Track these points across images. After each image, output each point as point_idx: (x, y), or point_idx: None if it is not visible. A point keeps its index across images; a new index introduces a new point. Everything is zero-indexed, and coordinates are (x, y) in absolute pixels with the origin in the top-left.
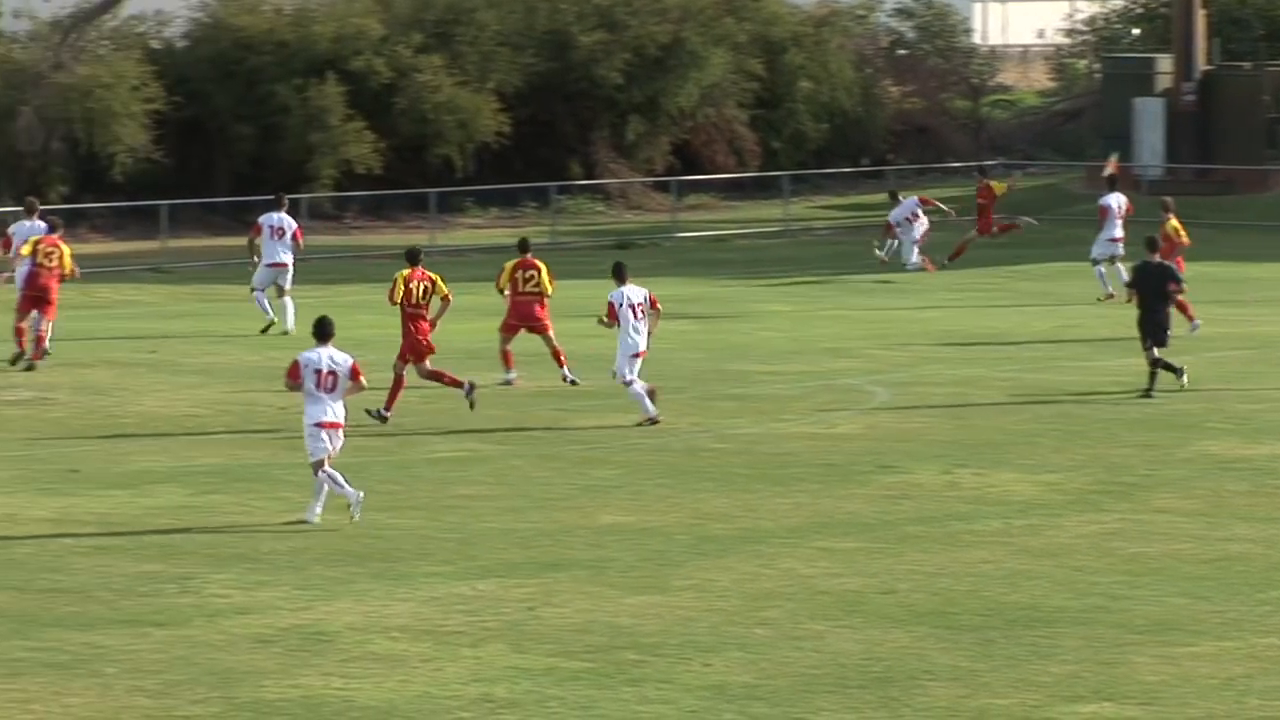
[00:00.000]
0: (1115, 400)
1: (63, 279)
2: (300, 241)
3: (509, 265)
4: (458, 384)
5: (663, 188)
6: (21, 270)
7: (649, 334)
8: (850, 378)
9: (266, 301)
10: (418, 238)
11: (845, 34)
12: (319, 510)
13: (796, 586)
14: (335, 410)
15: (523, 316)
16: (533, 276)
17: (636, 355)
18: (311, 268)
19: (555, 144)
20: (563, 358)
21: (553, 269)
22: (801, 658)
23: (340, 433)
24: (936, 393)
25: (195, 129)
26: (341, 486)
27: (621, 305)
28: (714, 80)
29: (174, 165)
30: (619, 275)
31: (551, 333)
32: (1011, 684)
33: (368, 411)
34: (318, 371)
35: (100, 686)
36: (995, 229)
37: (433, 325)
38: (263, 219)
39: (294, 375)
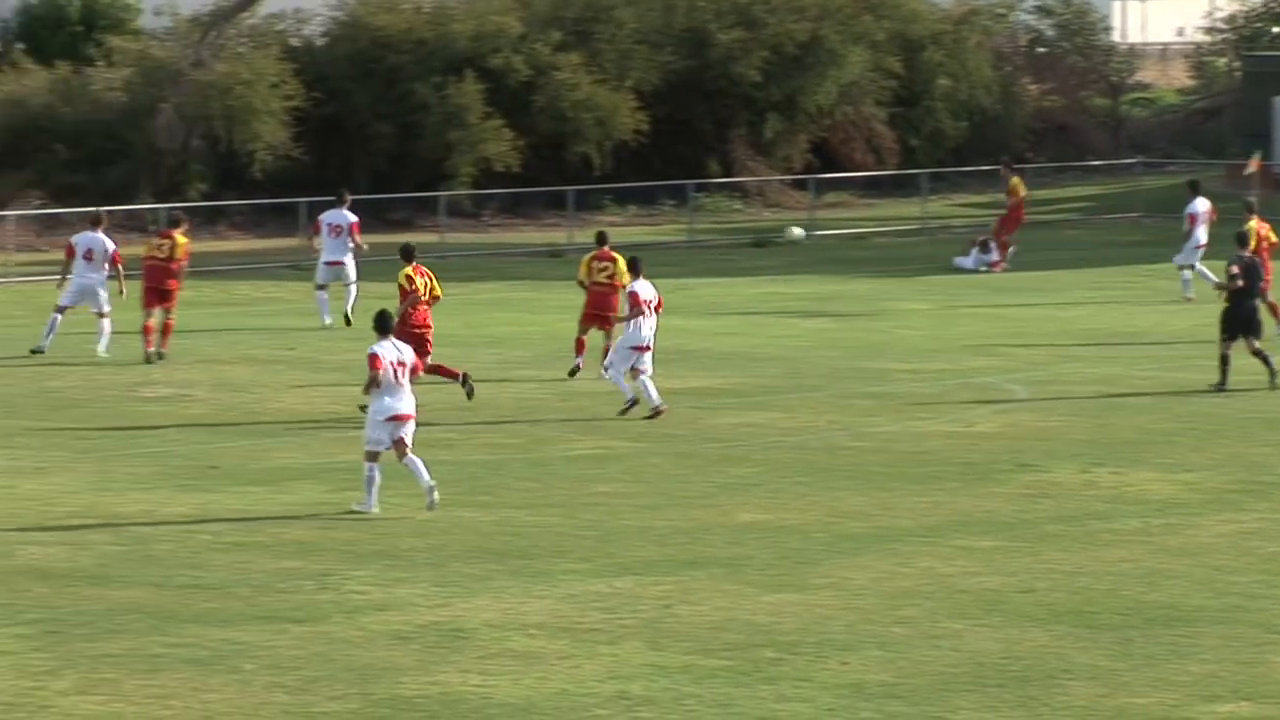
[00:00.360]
0: (1253, 399)
1: (176, 272)
2: (358, 237)
3: (587, 258)
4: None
5: (800, 185)
6: (83, 275)
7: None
8: (989, 376)
9: (327, 304)
10: (555, 236)
11: (984, 32)
12: (373, 503)
13: (934, 585)
14: (409, 401)
15: (597, 306)
16: (607, 268)
17: (638, 349)
18: (449, 265)
19: (693, 142)
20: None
21: (689, 267)
22: (939, 656)
23: (413, 423)
24: (1075, 391)
25: (334, 127)
26: (370, 493)
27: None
28: (852, 78)
29: (313, 163)
30: (634, 269)
31: (615, 329)
32: (1150, 683)
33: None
34: (392, 363)
35: (239, 683)
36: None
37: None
38: (322, 217)
39: (378, 364)
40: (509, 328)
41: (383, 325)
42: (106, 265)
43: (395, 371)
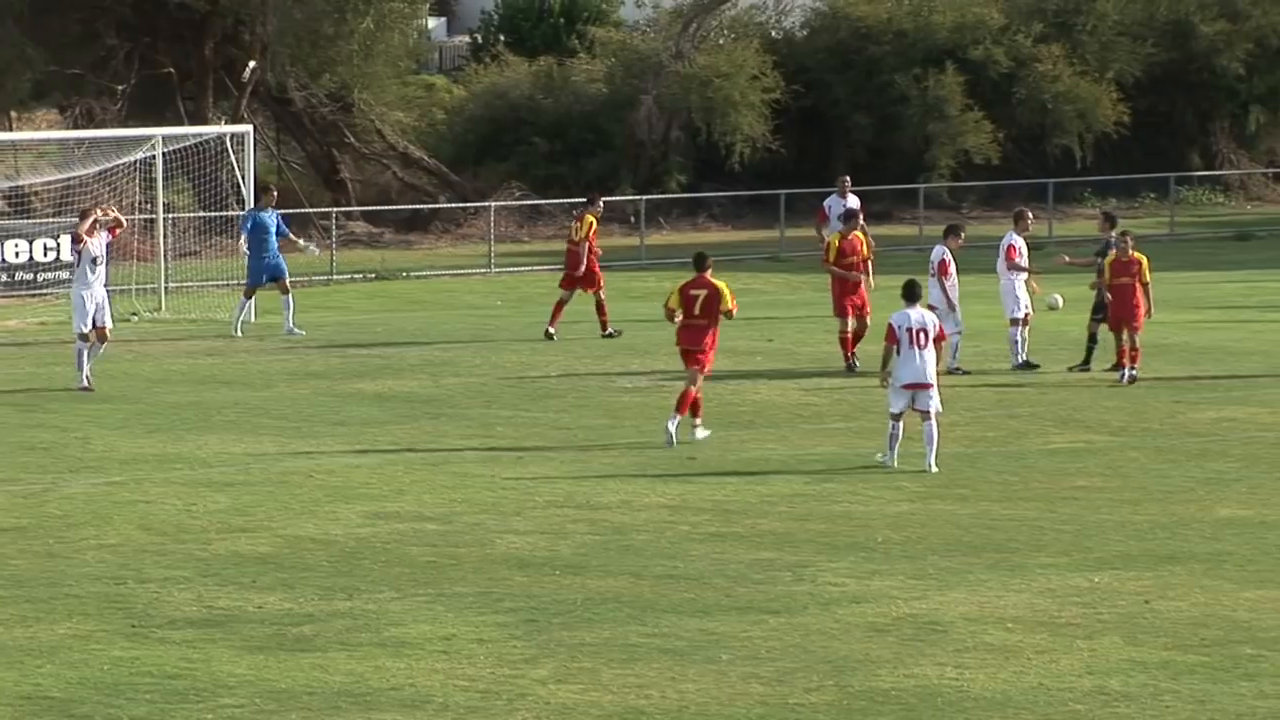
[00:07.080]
0: None
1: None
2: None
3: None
4: None
5: None
6: None
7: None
8: None
9: None
10: (1035, 229)
11: None
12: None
13: None
14: (928, 371)
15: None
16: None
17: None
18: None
19: (1174, 134)
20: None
21: (1170, 260)
22: None
23: (933, 392)
24: None
25: (813, 118)
26: (891, 449)
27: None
28: None
29: (792, 155)
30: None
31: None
32: None
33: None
34: (908, 330)
35: (715, 673)
36: None
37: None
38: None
39: (891, 338)
40: (987, 320)
41: (910, 294)
42: None
43: (912, 339)
